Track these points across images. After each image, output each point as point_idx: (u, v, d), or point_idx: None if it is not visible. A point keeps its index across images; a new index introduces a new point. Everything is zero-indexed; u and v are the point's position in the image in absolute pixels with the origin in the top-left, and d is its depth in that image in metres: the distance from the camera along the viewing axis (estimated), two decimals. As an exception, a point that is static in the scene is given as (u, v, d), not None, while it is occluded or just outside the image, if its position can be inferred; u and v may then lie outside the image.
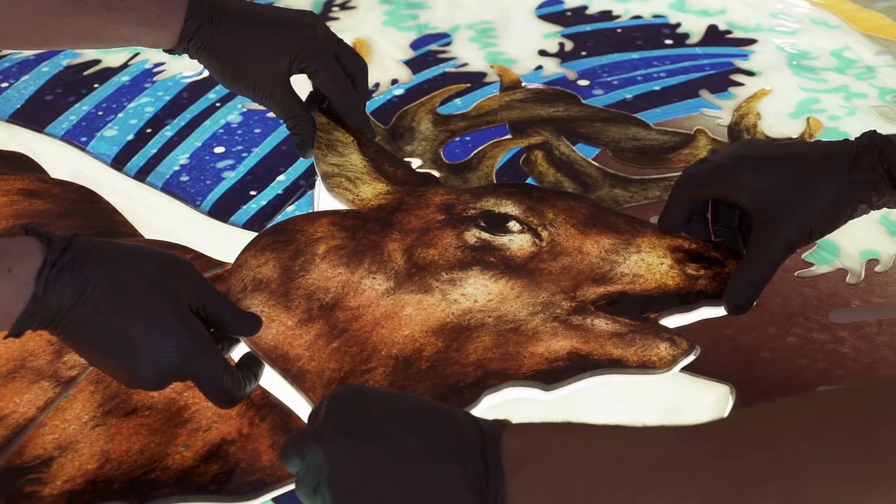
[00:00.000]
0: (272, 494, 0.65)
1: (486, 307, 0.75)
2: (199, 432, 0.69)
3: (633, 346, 0.73)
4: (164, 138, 1.02)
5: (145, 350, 0.59)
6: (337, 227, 0.80)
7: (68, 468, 0.66)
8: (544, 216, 0.80)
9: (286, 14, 0.83)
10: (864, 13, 1.29)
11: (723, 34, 1.24)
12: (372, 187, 0.84)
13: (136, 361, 0.60)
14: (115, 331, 0.59)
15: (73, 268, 0.58)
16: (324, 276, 0.76)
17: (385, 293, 0.75)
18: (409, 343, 0.72)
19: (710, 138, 1.02)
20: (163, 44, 0.79)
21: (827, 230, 0.71)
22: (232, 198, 0.93)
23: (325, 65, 0.82)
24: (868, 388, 0.53)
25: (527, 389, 0.71)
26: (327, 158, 0.85)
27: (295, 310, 0.74)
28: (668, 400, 0.72)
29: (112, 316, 0.59)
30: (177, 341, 0.60)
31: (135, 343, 0.59)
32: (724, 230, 0.77)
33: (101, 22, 0.76)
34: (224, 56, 0.80)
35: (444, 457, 0.49)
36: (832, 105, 1.09)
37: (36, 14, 0.75)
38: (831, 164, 0.70)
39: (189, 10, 0.78)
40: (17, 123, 1.04)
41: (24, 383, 0.72)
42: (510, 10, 1.29)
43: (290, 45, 0.80)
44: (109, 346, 0.59)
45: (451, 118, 1.05)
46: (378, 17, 1.26)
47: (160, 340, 0.60)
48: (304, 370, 0.70)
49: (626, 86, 1.12)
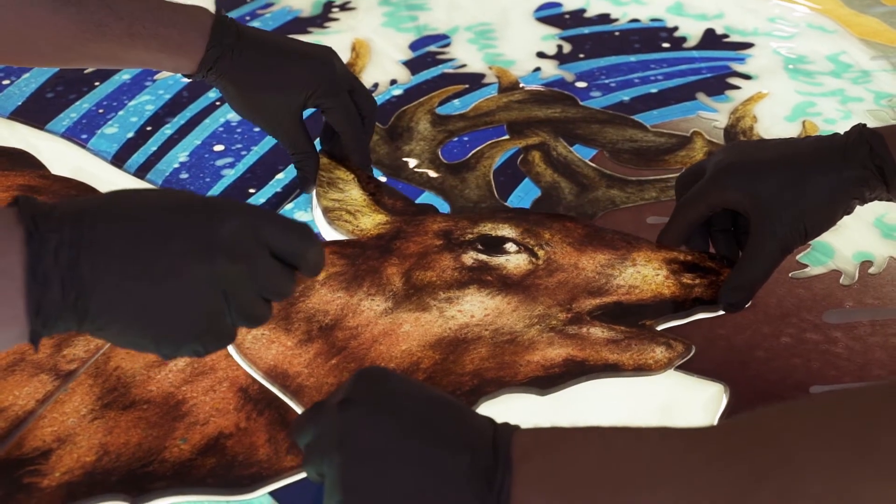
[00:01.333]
0: (269, 488, 0.66)
1: (483, 321, 0.76)
2: (197, 426, 0.69)
3: (629, 350, 0.74)
4: (165, 136, 1.02)
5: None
6: (337, 255, 0.82)
7: (67, 460, 0.67)
8: (540, 237, 0.82)
9: (305, 48, 0.85)
10: (861, 18, 1.30)
11: (720, 38, 1.25)
12: (371, 218, 0.86)
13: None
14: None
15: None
16: (323, 300, 0.78)
17: (383, 313, 0.77)
18: (406, 357, 0.74)
19: (706, 140, 1.03)
20: (182, 69, 0.81)
21: (822, 228, 0.72)
22: (231, 195, 0.94)
23: (340, 103, 0.84)
24: (869, 390, 0.53)
25: (523, 396, 0.72)
26: (328, 195, 0.88)
27: (295, 331, 0.76)
28: (662, 398, 0.73)
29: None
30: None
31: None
32: (721, 235, 0.78)
33: (123, 47, 0.77)
34: (241, 86, 0.82)
35: (456, 442, 0.50)
36: (828, 109, 1.10)
37: (58, 38, 0.76)
38: (822, 162, 0.71)
39: (211, 40, 0.79)
40: (19, 120, 1.04)
41: (23, 376, 0.72)
42: (509, 13, 1.30)
43: (308, 82, 0.83)
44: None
45: (450, 118, 1.06)
46: (377, 19, 1.27)
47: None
48: (303, 386, 0.72)
49: (624, 88, 1.13)
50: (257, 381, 0.72)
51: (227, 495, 0.65)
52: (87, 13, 0.75)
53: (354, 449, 0.50)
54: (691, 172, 0.78)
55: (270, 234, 0.53)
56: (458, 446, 0.50)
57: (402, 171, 0.96)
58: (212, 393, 0.71)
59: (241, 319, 0.54)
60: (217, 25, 0.79)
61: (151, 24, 0.77)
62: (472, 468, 0.49)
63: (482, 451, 0.49)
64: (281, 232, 0.54)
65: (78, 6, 0.75)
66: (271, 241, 0.53)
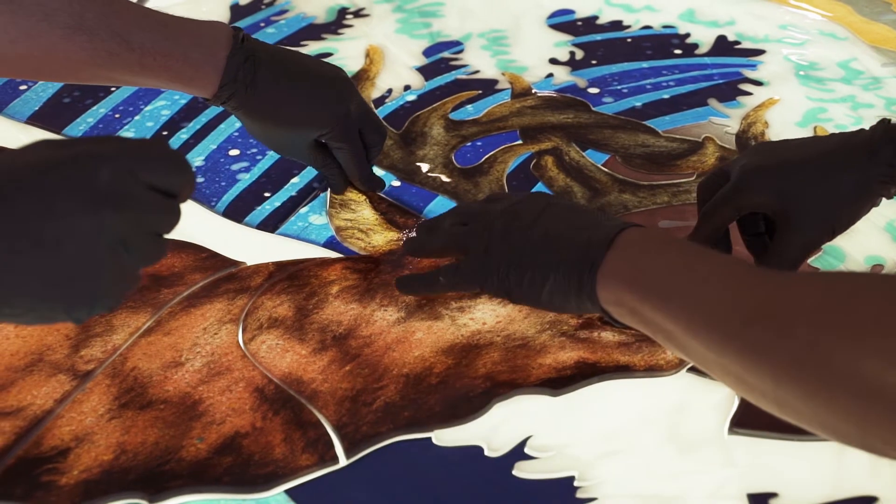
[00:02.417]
0: (284, 487, 0.67)
1: (495, 328, 0.77)
2: (214, 425, 0.70)
3: (641, 352, 0.75)
4: (180, 141, 1.03)
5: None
6: (350, 270, 0.84)
7: (85, 459, 0.67)
8: None
9: (321, 80, 0.85)
10: (872, 25, 1.30)
11: (731, 45, 1.25)
12: (383, 236, 0.87)
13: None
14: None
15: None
16: (337, 312, 0.79)
17: (396, 322, 0.78)
18: (419, 362, 0.75)
19: (718, 146, 1.03)
20: (198, 96, 0.82)
21: (849, 225, 0.74)
22: (246, 199, 0.94)
23: (350, 144, 0.86)
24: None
25: (536, 397, 0.73)
26: (340, 215, 0.90)
27: (309, 341, 0.77)
28: (674, 399, 0.73)
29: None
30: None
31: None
32: (754, 239, 0.78)
33: (135, 75, 0.78)
34: (256, 119, 0.84)
35: (591, 222, 0.69)
36: (839, 115, 1.10)
37: (70, 63, 0.76)
38: (849, 160, 0.72)
39: (224, 76, 0.79)
40: (36, 125, 1.05)
41: (41, 376, 0.73)
42: (521, 19, 1.30)
43: (322, 123, 0.85)
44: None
45: (463, 124, 1.07)
46: (391, 25, 1.28)
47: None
48: (318, 391, 0.73)
49: (636, 94, 1.14)
50: (273, 382, 0.73)
51: (243, 494, 0.66)
52: (98, 41, 0.74)
53: (519, 217, 0.71)
54: (715, 176, 0.78)
55: (148, 172, 0.52)
56: (590, 224, 0.68)
57: (415, 176, 0.97)
58: (228, 393, 0.72)
59: (140, 262, 0.53)
60: (232, 58, 0.79)
61: (163, 58, 0.77)
62: (588, 244, 0.66)
63: (601, 235, 0.66)
64: (157, 166, 0.53)
65: (90, 34, 0.74)
66: (151, 178, 0.52)
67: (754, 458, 0.70)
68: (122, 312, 0.78)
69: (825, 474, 0.69)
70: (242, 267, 0.84)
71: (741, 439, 0.71)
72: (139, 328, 0.77)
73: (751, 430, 0.71)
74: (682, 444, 0.71)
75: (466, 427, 0.71)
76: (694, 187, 0.94)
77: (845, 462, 0.69)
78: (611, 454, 0.70)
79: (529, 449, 0.70)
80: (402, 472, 0.68)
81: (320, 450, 0.69)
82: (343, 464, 0.68)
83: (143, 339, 0.77)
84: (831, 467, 0.69)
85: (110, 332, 0.77)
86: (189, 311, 0.79)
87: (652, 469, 0.69)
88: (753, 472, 0.69)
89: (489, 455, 0.70)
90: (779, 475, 0.69)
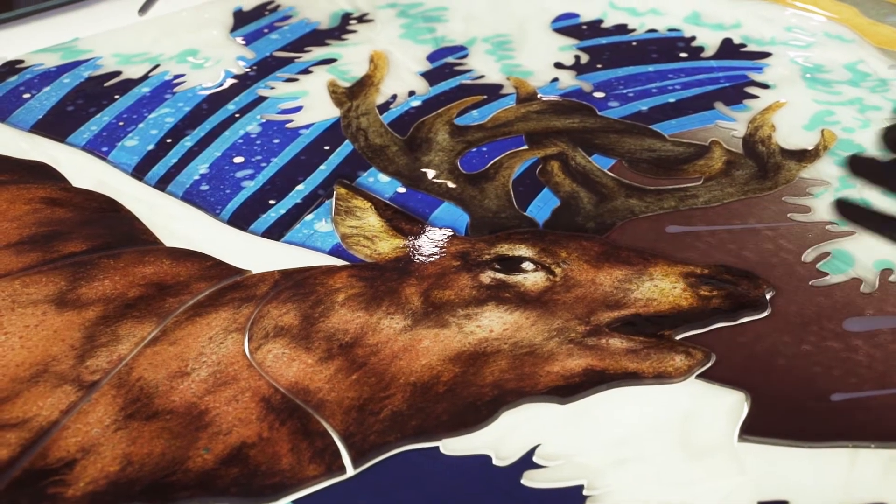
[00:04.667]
0: (292, 497, 0.66)
1: (502, 336, 0.77)
2: (220, 436, 0.70)
3: (649, 359, 0.75)
4: (184, 148, 1.03)
5: None
6: (356, 278, 0.83)
7: (91, 470, 0.67)
8: (557, 255, 0.83)
9: None
10: (878, 27, 1.30)
11: (737, 47, 1.25)
12: (389, 243, 0.87)
13: None
14: None
15: None
16: (343, 320, 0.79)
17: (402, 330, 0.78)
18: (426, 371, 0.74)
19: (724, 149, 1.03)
20: None
21: None
22: (251, 206, 0.94)
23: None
24: None
25: (544, 405, 0.73)
26: (346, 222, 0.89)
27: (315, 350, 0.76)
28: (683, 406, 0.73)
29: None
30: None
31: None
32: None
33: None
34: None
35: None
36: (846, 117, 1.10)
37: None
38: None
39: None
40: (39, 133, 1.05)
41: (46, 387, 0.73)
42: (526, 24, 1.30)
43: None
44: None
45: (468, 129, 1.06)
46: (395, 30, 1.27)
47: None
48: (324, 400, 0.72)
49: (642, 98, 1.13)
50: (280, 391, 0.73)
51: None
52: None
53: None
54: None
55: None
56: None
57: (420, 182, 0.97)
58: (234, 403, 0.72)
59: None
60: None
61: None
62: None
63: None
64: None
65: None
66: None
67: (765, 465, 0.70)
68: (128, 322, 0.78)
69: (836, 481, 0.68)
70: (248, 275, 0.83)
71: (751, 446, 0.71)
72: (144, 338, 0.77)
73: (761, 437, 0.71)
74: (692, 452, 0.70)
75: (474, 436, 0.71)
76: (701, 192, 0.94)
77: (857, 469, 0.69)
78: (620, 462, 0.69)
79: (538, 457, 0.70)
80: (410, 481, 0.68)
81: (328, 460, 0.68)
82: (351, 473, 0.68)
83: (148, 348, 0.76)
84: (843, 474, 0.69)
85: (115, 342, 0.76)
86: (194, 320, 0.79)
87: (661, 477, 0.69)
88: (764, 479, 0.69)
89: (497, 464, 0.69)
90: (789, 482, 0.68)
